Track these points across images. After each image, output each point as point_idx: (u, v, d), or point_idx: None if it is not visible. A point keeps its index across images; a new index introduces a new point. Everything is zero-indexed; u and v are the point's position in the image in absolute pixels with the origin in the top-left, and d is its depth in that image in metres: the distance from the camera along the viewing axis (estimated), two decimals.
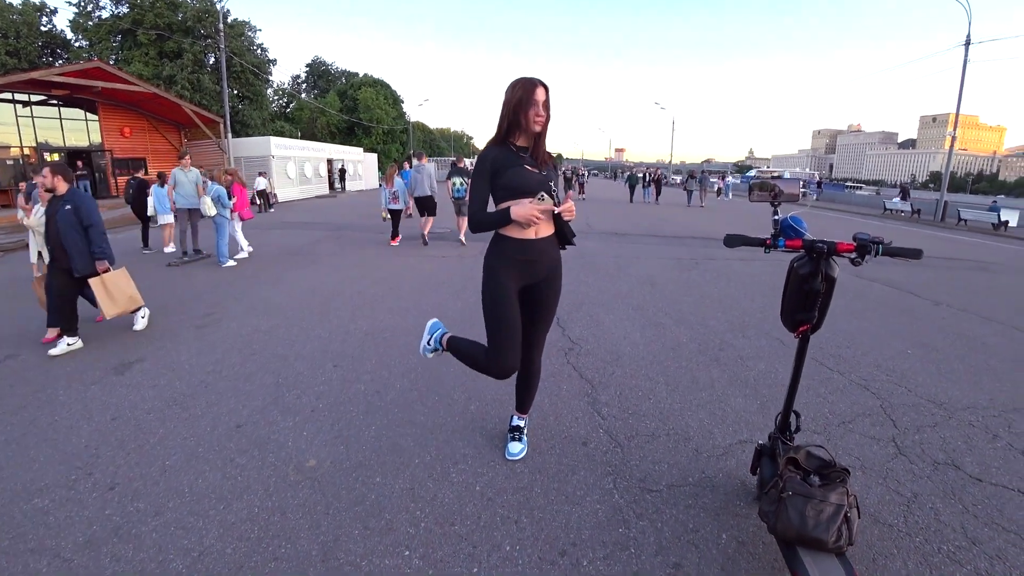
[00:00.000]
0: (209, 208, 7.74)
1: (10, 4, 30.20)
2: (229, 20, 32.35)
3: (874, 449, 2.75)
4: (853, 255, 1.69)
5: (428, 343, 2.54)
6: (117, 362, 3.89)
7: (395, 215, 9.89)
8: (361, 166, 33.73)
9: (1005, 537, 2.07)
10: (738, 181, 36.46)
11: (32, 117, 17.90)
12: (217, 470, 2.46)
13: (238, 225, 8.71)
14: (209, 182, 8.17)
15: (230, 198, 8.57)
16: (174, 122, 21.78)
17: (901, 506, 2.26)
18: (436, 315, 4.94)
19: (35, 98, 17.78)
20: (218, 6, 23.22)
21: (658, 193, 25.00)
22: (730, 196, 32.69)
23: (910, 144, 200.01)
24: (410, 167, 10.00)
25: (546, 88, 2.14)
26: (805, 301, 1.76)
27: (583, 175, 29.76)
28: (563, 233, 2.29)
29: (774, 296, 6.13)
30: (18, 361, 3.92)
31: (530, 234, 2.19)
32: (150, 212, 9.53)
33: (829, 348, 4.27)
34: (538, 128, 2.15)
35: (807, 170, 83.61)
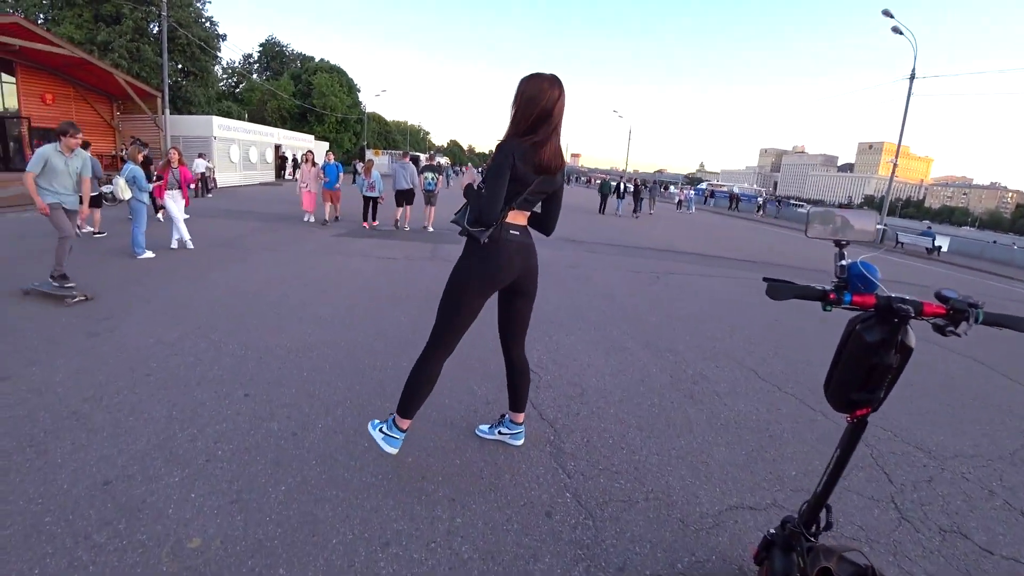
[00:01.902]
0: (124, 191, 6.78)
1: None
2: None
3: (875, 514, 2.41)
4: (943, 322, 1.23)
5: (381, 434, 2.33)
6: None
7: (368, 201, 11.18)
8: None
9: None
10: (694, 194, 35.84)
11: None
12: (63, 554, 1.81)
13: (180, 210, 7.76)
14: (127, 163, 7.18)
15: (153, 180, 7.62)
16: (105, 92, 19.83)
17: None
18: (372, 329, 4.45)
19: None
20: None
21: (637, 206, 21.65)
22: (693, 209, 31.50)
23: (848, 168, 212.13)
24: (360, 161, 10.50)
25: None
26: (869, 377, 1.31)
27: None
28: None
29: (740, 315, 5.88)
30: None
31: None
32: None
33: (806, 381, 3.97)
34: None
35: (754, 186, 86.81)
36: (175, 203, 7.79)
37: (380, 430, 2.33)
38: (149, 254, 6.89)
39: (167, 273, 6.02)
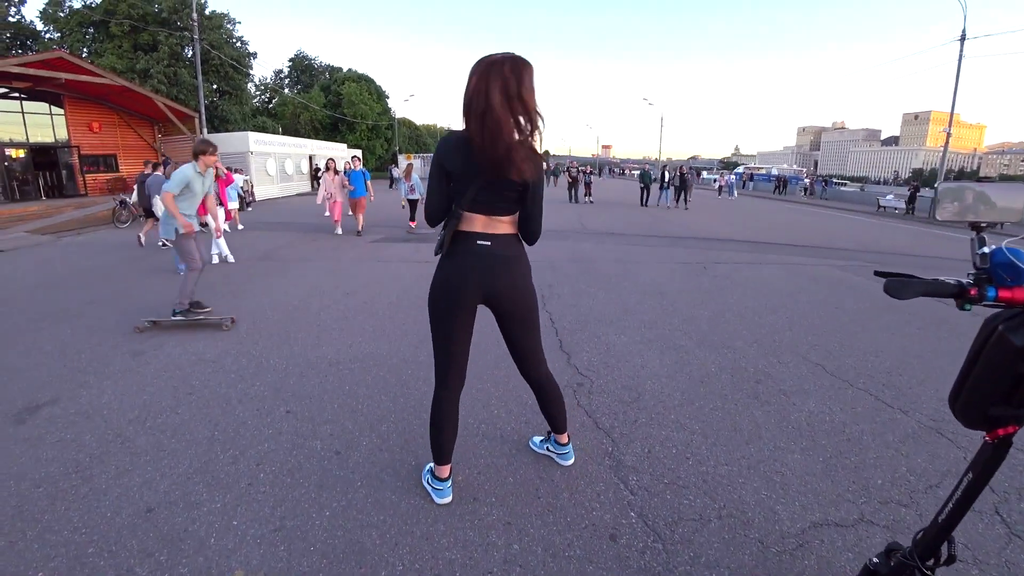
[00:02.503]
0: (160, 207, 6.90)
1: None
2: (207, 12, 31.19)
3: (980, 529, 2.10)
4: None
5: (428, 485, 2.22)
6: (24, 404, 3.12)
7: (412, 204, 11.49)
8: (344, 163, 32.72)
9: None
10: (735, 179, 32.76)
11: None
12: None
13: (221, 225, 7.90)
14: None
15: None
16: (147, 117, 20.70)
17: None
18: (415, 338, 4.27)
19: None
20: None
21: (684, 196, 19.08)
22: (735, 195, 29.07)
23: (893, 141, 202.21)
24: (395, 165, 10.15)
25: None
26: (1016, 388, 1.05)
27: (589, 173, 21.57)
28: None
29: (798, 304, 5.50)
30: None
31: None
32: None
33: (878, 375, 3.62)
34: None
35: (793, 166, 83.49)
36: (218, 219, 7.92)
37: (427, 481, 2.22)
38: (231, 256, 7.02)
39: (208, 288, 6.07)
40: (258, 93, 46.81)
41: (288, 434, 2.73)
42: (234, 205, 11.81)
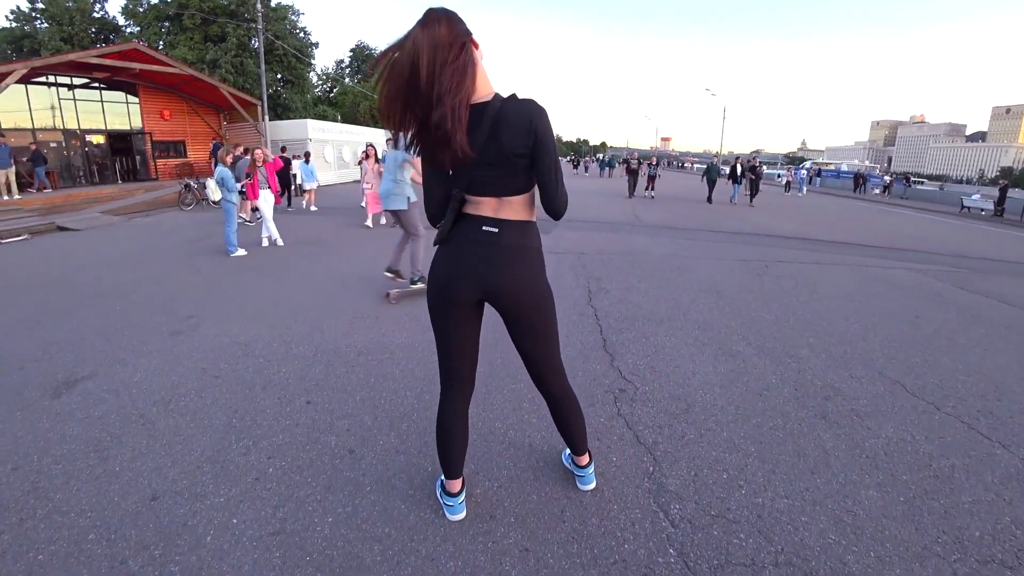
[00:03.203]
0: (214, 192, 7.08)
1: None
2: (272, 3, 32.23)
3: None
4: None
5: (440, 498, 2.00)
6: (64, 378, 3.17)
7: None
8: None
9: None
10: (804, 174, 29.96)
11: (74, 100, 17.93)
12: None
13: (269, 212, 8.04)
14: (218, 165, 7.49)
15: (243, 180, 7.92)
16: (213, 105, 21.59)
17: None
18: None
19: (77, 81, 17.79)
20: None
21: (754, 191, 17.59)
22: (804, 191, 27.21)
23: (979, 137, 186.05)
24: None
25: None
26: None
27: (654, 165, 19.28)
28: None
29: (873, 311, 4.94)
30: None
31: None
32: (298, 181, 13.30)
33: (970, 399, 3.12)
34: None
35: (865, 163, 78.05)
36: (265, 203, 8.06)
37: (439, 494, 2.01)
38: (241, 252, 7.13)
39: (254, 271, 6.14)
40: (320, 82, 48.19)
41: (304, 426, 2.59)
42: (312, 185, 13.06)
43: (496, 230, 1.63)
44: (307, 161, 13.27)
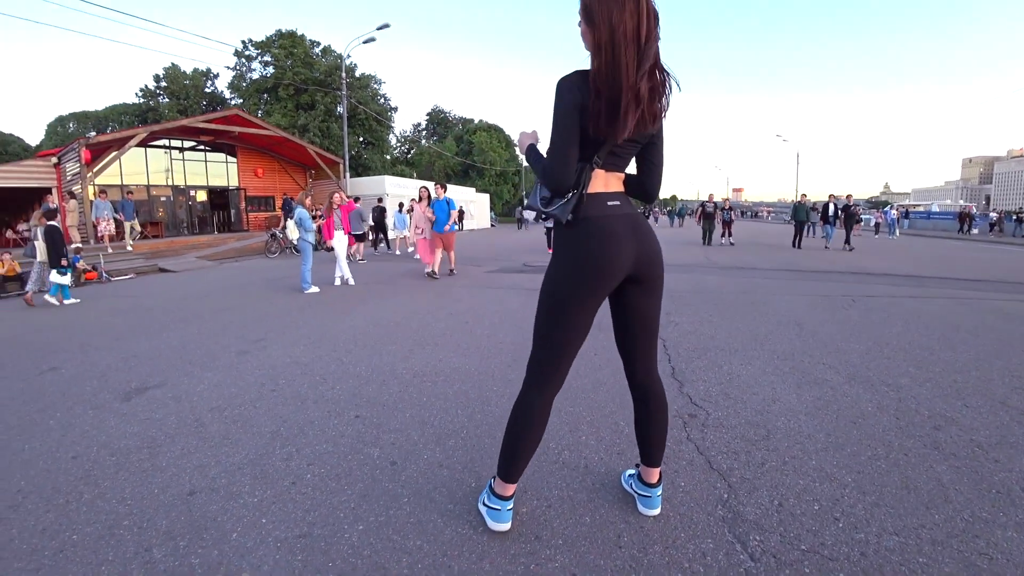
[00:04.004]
0: (292, 231, 7.52)
1: (184, 72, 35.80)
2: (357, 74, 35.37)
3: None
4: None
5: (484, 506, 1.81)
6: (137, 385, 3.38)
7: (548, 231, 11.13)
8: (474, 206, 34.31)
9: None
10: (896, 215, 26.03)
11: (184, 161, 20.28)
12: (118, 565, 1.62)
13: (343, 253, 8.44)
14: (298, 207, 8.00)
15: (317, 218, 8.39)
16: (300, 164, 23.60)
17: None
18: (509, 357, 3.96)
19: (187, 144, 20.15)
20: (345, 62, 25.21)
21: (849, 232, 14.53)
22: (896, 233, 23.88)
23: None
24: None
25: None
26: None
27: (728, 209, 16.82)
28: None
29: (982, 342, 4.28)
30: (57, 376, 3.67)
31: None
32: (390, 229, 15.35)
33: None
34: None
35: (959, 202, 71.45)
36: (339, 244, 8.46)
37: (484, 500, 1.80)
38: (314, 289, 7.45)
39: (325, 305, 6.37)
40: (398, 144, 51.66)
41: (350, 437, 2.51)
42: (404, 233, 14.22)
43: (618, 203, 1.62)
44: (401, 210, 14.67)
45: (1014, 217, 28.93)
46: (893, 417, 2.72)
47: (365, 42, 21.43)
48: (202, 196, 21.54)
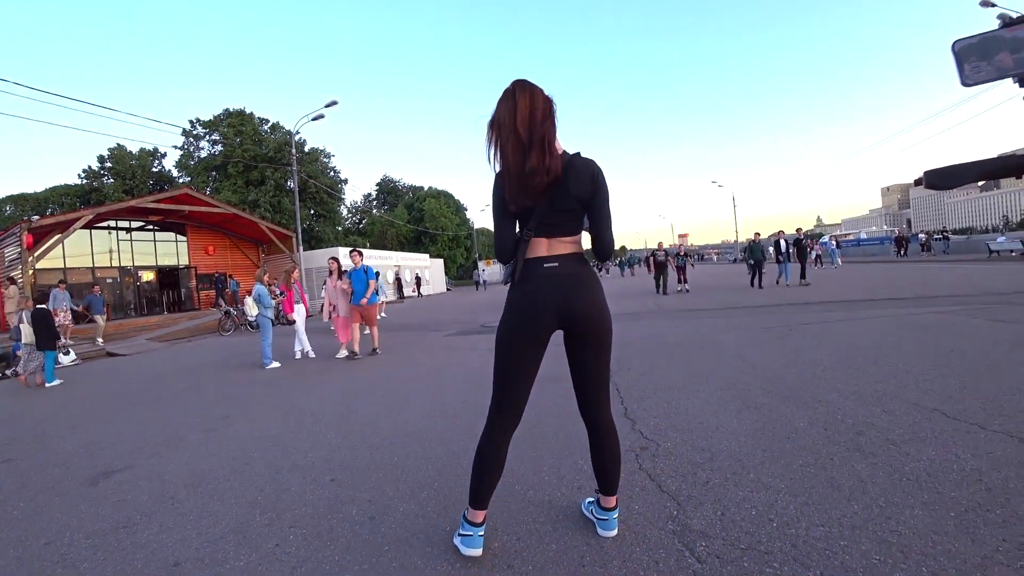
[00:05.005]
0: (252, 308, 7.56)
1: (130, 152, 35.57)
2: (306, 148, 36.04)
3: None
4: None
5: (458, 536, 2.00)
6: (102, 470, 3.39)
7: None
8: (428, 271, 34.66)
9: None
10: (835, 246, 27.87)
11: (131, 241, 19.88)
12: None
13: (303, 325, 8.44)
14: (256, 284, 8.06)
15: (276, 295, 8.44)
16: (253, 239, 23.51)
17: None
18: (474, 414, 4.03)
19: (135, 224, 19.83)
20: (295, 138, 25.79)
21: (803, 267, 15.31)
22: (838, 262, 25.21)
23: (993, 185, 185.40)
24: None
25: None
26: None
27: (683, 256, 16.97)
28: None
29: (903, 353, 4.78)
30: (12, 467, 3.64)
31: None
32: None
33: (1017, 414, 2.90)
34: None
35: (883, 228, 77.57)
36: (300, 316, 8.50)
37: (458, 533, 2.00)
38: (275, 364, 7.42)
39: (287, 379, 6.37)
40: (350, 215, 52.12)
41: (327, 499, 2.61)
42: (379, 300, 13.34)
43: (556, 264, 1.85)
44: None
45: (942, 236, 32.11)
46: (822, 429, 3.05)
47: (314, 119, 22.09)
48: (149, 276, 20.97)
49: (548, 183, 1.78)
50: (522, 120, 1.75)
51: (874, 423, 3.06)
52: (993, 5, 17.89)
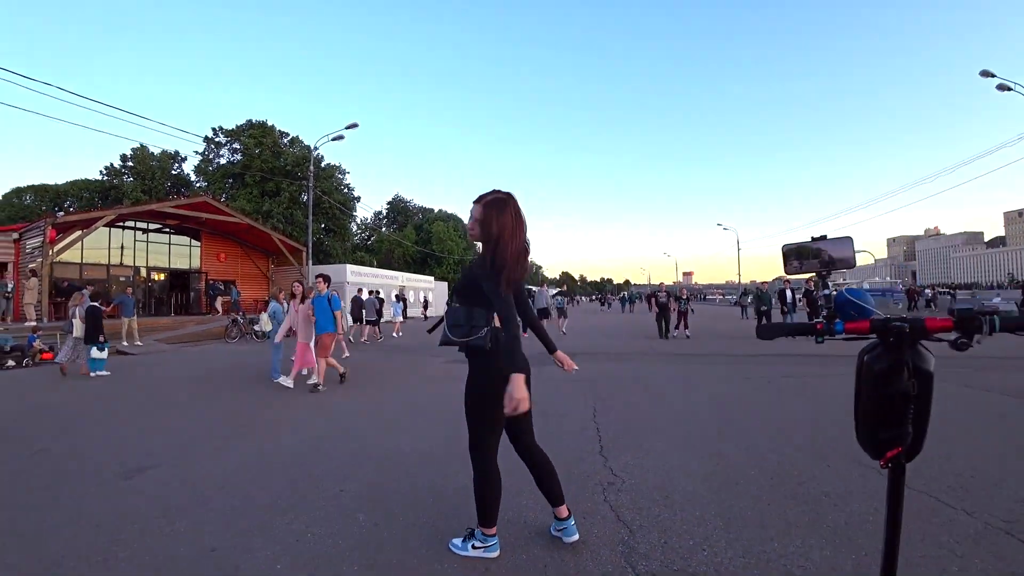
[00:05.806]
0: (266, 324, 8.03)
1: (152, 153, 36.68)
2: (323, 164, 37.04)
3: None
4: (953, 335, 1.15)
5: (475, 551, 2.47)
6: (134, 466, 3.84)
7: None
8: (432, 293, 35.19)
9: None
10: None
11: (147, 242, 20.54)
12: None
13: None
14: (271, 301, 8.57)
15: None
16: (264, 250, 24.17)
17: None
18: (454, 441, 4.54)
19: (152, 226, 20.52)
20: (313, 154, 26.71)
21: (815, 315, 12.13)
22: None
23: (999, 242, 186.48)
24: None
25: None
26: (889, 411, 1.21)
27: (685, 299, 15.67)
28: None
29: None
30: (47, 456, 4.11)
31: None
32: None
33: (942, 477, 3.38)
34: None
35: (888, 279, 78.24)
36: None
37: (472, 546, 2.46)
38: (283, 378, 7.85)
39: (295, 395, 6.83)
40: (359, 231, 53.01)
41: (338, 507, 3.08)
42: (398, 319, 18.28)
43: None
44: (398, 300, 18.47)
45: (948, 293, 32.65)
46: (769, 478, 3.50)
47: (334, 139, 22.97)
48: (160, 277, 21.58)
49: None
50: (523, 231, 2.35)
51: (816, 476, 3.50)
52: (993, 76, 18.93)
